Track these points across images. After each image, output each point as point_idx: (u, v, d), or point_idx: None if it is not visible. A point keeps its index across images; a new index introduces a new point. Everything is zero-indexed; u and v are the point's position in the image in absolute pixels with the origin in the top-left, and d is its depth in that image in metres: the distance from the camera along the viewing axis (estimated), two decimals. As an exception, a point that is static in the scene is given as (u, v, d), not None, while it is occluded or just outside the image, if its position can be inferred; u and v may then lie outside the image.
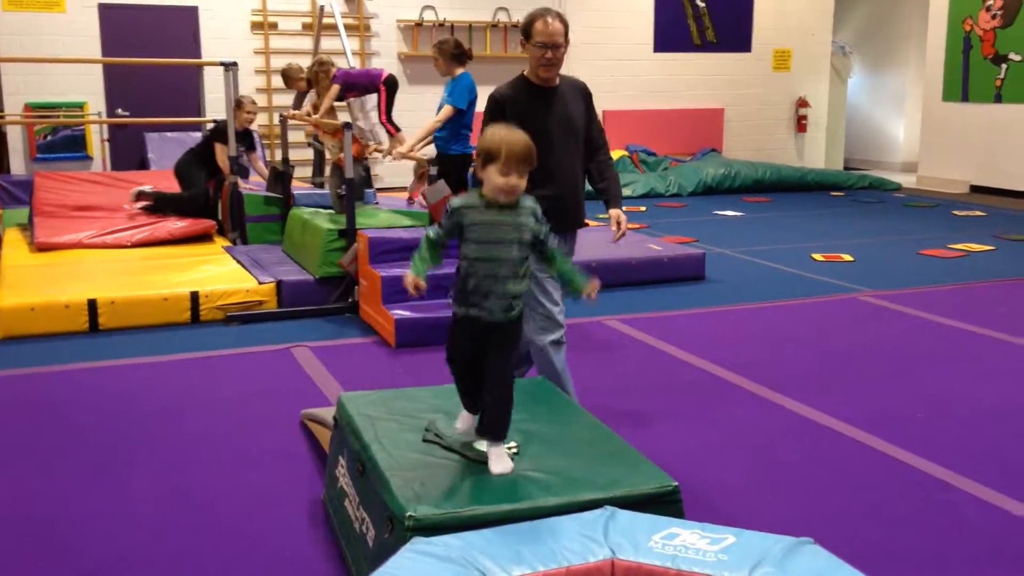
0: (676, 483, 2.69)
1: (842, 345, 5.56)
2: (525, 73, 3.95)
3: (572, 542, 2.36)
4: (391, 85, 7.46)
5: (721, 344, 5.55)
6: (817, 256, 8.26)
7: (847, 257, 8.21)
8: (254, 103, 8.34)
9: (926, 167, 13.44)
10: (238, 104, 8.04)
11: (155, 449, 3.98)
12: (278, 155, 9.61)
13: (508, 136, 2.73)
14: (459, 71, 6.27)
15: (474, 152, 2.86)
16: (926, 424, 4.23)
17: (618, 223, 4.00)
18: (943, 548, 3.14)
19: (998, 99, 12.16)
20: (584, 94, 4.05)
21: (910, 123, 15.37)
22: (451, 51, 6.29)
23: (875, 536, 3.22)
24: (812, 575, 2.17)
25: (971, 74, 12.54)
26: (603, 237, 8.42)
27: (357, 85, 7.58)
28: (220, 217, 8.28)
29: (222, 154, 8.08)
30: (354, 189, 6.33)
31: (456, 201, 2.80)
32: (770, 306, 6.54)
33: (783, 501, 3.51)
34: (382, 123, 7.50)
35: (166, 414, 4.40)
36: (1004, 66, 12.07)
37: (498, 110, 3.82)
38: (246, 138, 8.40)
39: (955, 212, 10.95)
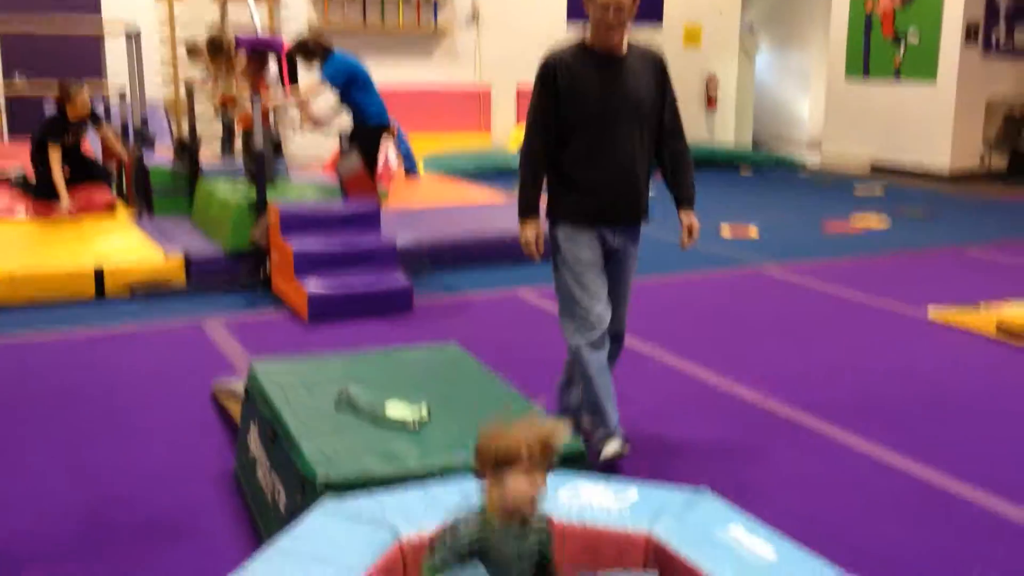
0: (584, 445, 2.77)
1: (744, 315, 5.74)
2: (585, 39, 3.36)
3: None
4: (292, 54, 7.36)
5: (636, 315, 5.65)
6: (725, 231, 8.47)
7: (753, 232, 8.43)
8: (82, 90, 7.45)
9: (830, 144, 13.85)
10: (69, 97, 7.33)
11: (59, 426, 3.90)
12: (185, 127, 9.39)
13: (521, 431, 2.01)
14: (326, 57, 6.30)
15: (478, 460, 2.04)
16: (821, 386, 4.42)
17: (689, 230, 3.54)
18: (839, 503, 3.30)
19: (897, 77, 12.59)
20: (658, 68, 3.42)
21: (815, 101, 15.79)
22: (303, 54, 6.36)
23: (766, 486, 3.37)
24: (709, 522, 2.26)
25: (872, 53, 12.94)
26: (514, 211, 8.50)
27: (263, 49, 7.46)
28: (125, 191, 8.07)
29: (55, 154, 7.26)
30: (264, 161, 6.24)
31: (468, 533, 2.03)
32: (677, 279, 6.69)
33: (683, 459, 3.63)
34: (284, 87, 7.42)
35: (70, 390, 4.30)
36: (902, 45, 12.49)
37: (549, 78, 3.31)
38: (91, 120, 7.74)
39: (856, 188, 11.33)
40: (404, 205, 8.59)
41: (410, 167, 10.63)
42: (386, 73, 10.78)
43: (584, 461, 2.75)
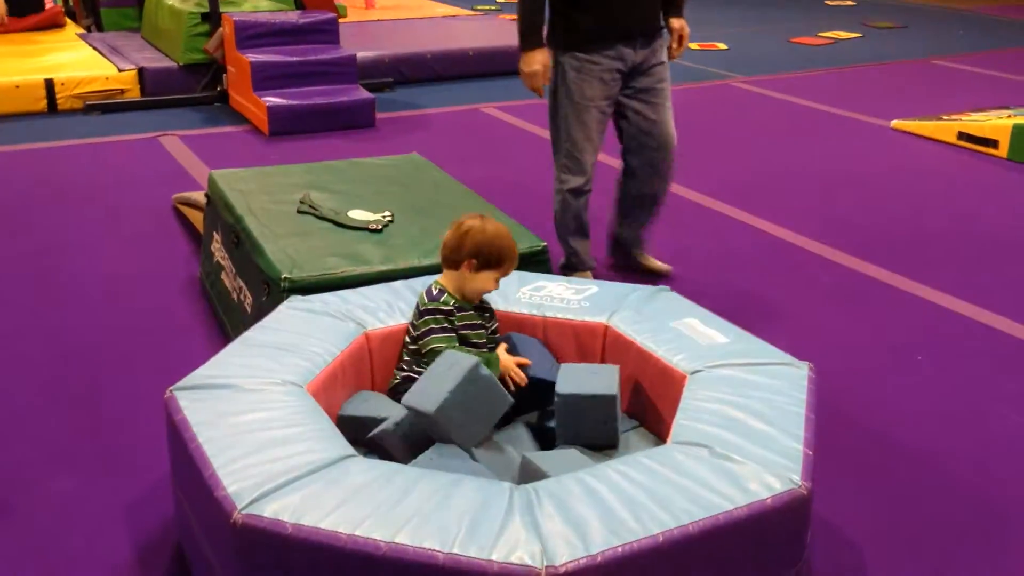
0: (545, 243, 2.81)
1: (706, 126, 5.72)
2: None
3: (444, 297, 2.46)
4: None
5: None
6: (692, 44, 8.30)
7: (721, 45, 8.29)
8: None
9: (803, -43, 13.41)
10: None
11: (16, 238, 3.87)
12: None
13: (511, 241, 2.27)
14: None
15: (466, 248, 2.23)
16: (774, 191, 4.48)
17: (680, 37, 3.34)
18: (786, 290, 3.41)
19: None
20: None
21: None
22: None
23: (729, 280, 3.47)
24: (665, 313, 2.33)
25: None
26: (476, 25, 8.27)
27: None
28: (72, 3, 7.72)
29: None
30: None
31: (446, 302, 2.25)
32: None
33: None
34: None
35: (26, 204, 4.25)
36: None
37: None
38: None
39: (826, 1, 11.08)
40: (364, 19, 8.32)
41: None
42: None
43: (546, 263, 2.80)
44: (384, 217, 2.93)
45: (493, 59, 6.99)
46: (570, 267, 3.49)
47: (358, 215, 2.94)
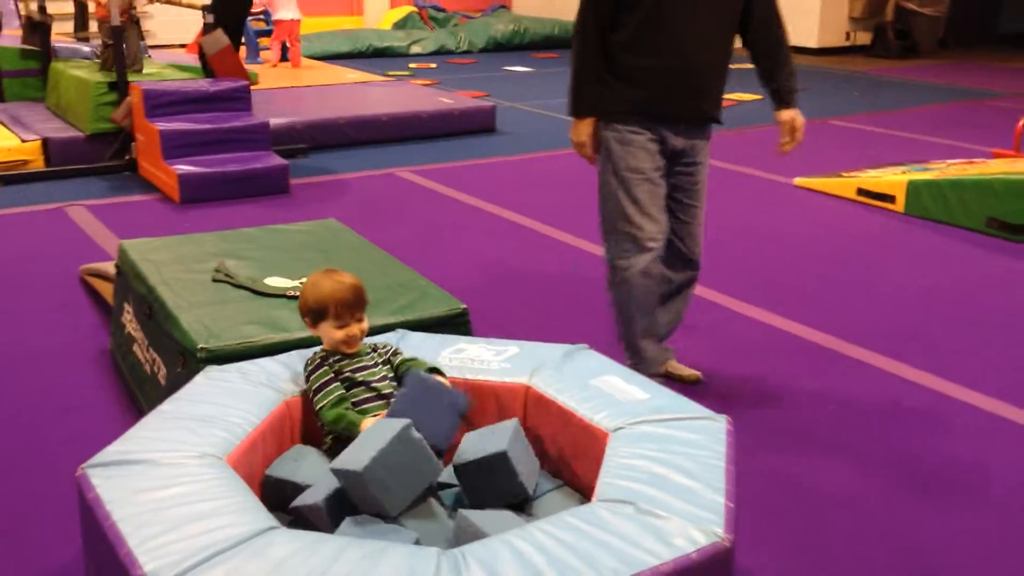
0: (465, 306, 2.82)
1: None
2: None
3: (365, 362, 2.44)
4: None
5: (509, 190, 5.71)
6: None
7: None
8: None
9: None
10: None
11: (-82, 313, 3.73)
12: (33, 6, 8.78)
13: (331, 286, 2.26)
14: None
15: (300, 309, 2.33)
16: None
17: (792, 129, 3.00)
18: (698, 342, 3.48)
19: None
20: None
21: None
22: None
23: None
24: (585, 372, 2.36)
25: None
26: (390, 91, 8.35)
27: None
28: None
29: None
30: (123, 37, 5.91)
31: (316, 373, 2.24)
32: (558, 154, 6.73)
33: (569, 319, 3.74)
34: None
35: (-73, 278, 4.11)
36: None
37: None
38: None
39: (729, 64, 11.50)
40: (276, 86, 8.33)
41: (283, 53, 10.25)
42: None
43: (466, 325, 2.80)
44: (302, 283, 2.90)
45: (406, 124, 7.07)
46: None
47: (275, 282, 2.91)
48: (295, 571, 1.59)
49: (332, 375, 2.23)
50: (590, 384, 2.31)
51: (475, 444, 2.10)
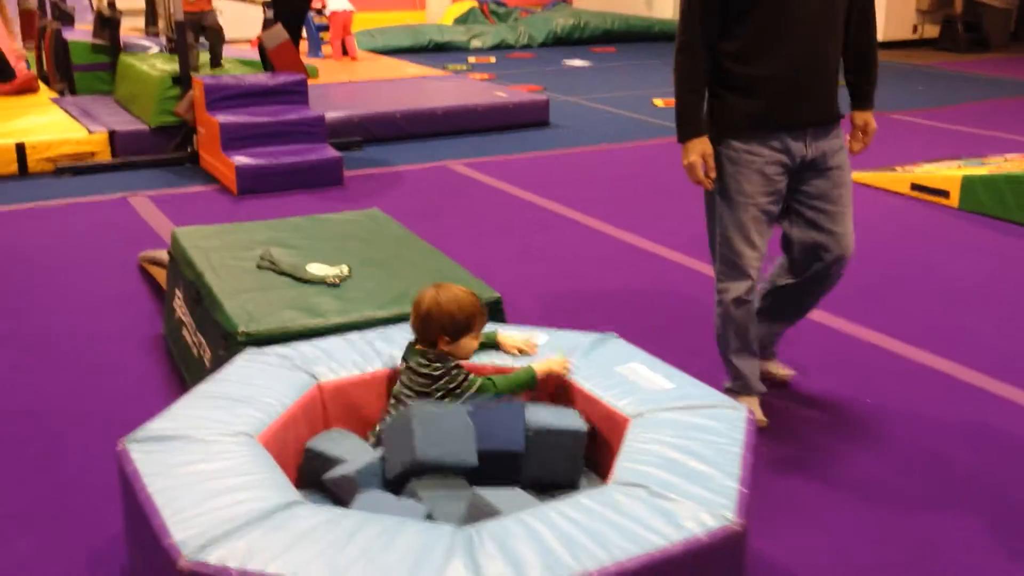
0: (499, 295, 2.87)
1: (669, 180, 5.84)
2: None
3: (399, 347, 2.50)
4: None
5: (559, 183, 5.74)
6: (658, 102, 8.50)
7: (686, 102, 8.46)
8: None
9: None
10: None
11: (-14, 297, 3.91)
12: (104, 1, 9.06)
13: (472, 299, 2.32)
14: None
15: (441, 327, 2.29)
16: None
17: (864, 131, 2.91)
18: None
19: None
20: None
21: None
22: None
23: (671, 327, 3.53)
24: (612, 359, 2.40)
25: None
26: (446, 85, 8.44)
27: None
28: (46, 68, 7.82)
29: None
30: (185, 33, 6.09)
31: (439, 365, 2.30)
32: (608, 148, 6.75)
33: (607, 309, 3.77)
34: None
35: (-4, 264, 4.30)
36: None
37: None
38: None
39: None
40: (335, 80, 8.48)
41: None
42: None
43: (500, 313, 2.86)
44: (342, 271, 2.99)
45: (461, 117, 7.14)
46: (732, 392, 2.91)
47: (316, 269, 3.00)
48: (316, 543, 1.66)
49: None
50: (615, 371, 2.34)
51: (549, 416, 2.18)
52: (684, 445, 1.99)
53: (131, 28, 9.23)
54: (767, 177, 2.71)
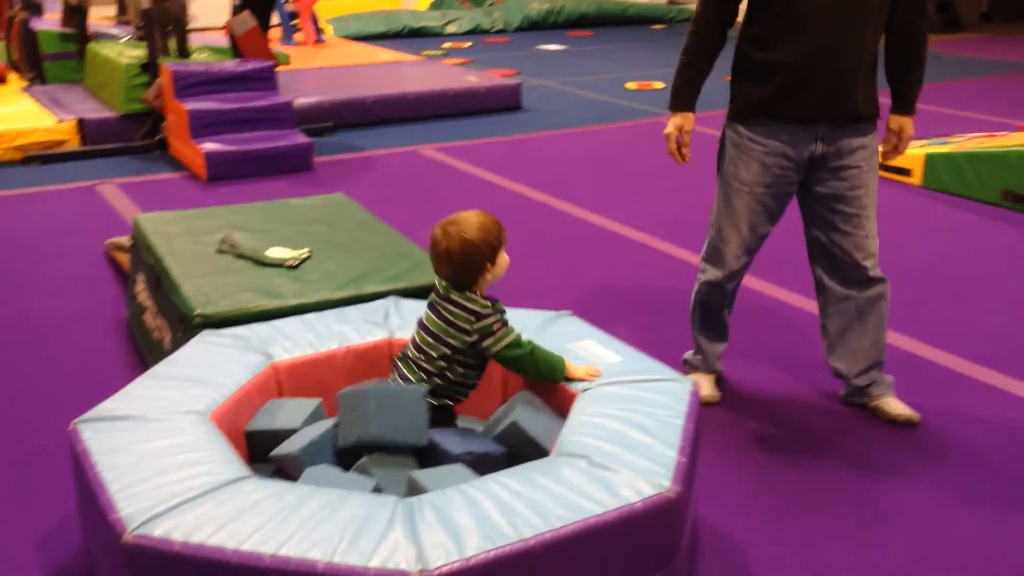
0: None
1: (640, 162, 5.89)
2: None
3: (355, 326, 2.55)
4: None
5: (528, 167, 5.77)
6: (631, 85, 8.53)
7: (658, 84, 8.51)
8: None
9: (742, -1, 13.83)
10: None
11: (-49, 285, 3.91)
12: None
13: (489, 218, 2.28)
14: None
15: (488, 247, 2.22)
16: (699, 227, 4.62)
17: (898, 137, 2.75)
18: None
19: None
20: None
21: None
22: None
23: (631, 306, 3.58)
24: (565, 336, 2.43)
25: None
26: (419, 70, 8.44)
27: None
28: (15, 57, 7.78)
29: None
30: (153, 21, 6.07)
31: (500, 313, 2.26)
32: (580, 131, 6.78)
33: (568, 289, 3.81)
34: None
35: (-38, 252, 4.30)
36: None
37: None
38: None
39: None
40: (307, 66, 8.47)
41: (316, 33, 10.41)
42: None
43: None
44: (302, 254, 3.02)
45: (433, 102, 7.15)
46: (689, 365, 2.99)
47: (276, 253, 3.02)
48: (259, 515, 1.69)
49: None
50: (567, 348, 2.38)
51: (537, 419, 2.17)
52: (628, 417, 2.03)
53: (102, 17, 9.19)
54: (767, 168, 2.65)
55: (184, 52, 6.38)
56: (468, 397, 2.33)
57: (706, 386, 2.93)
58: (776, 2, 2.55)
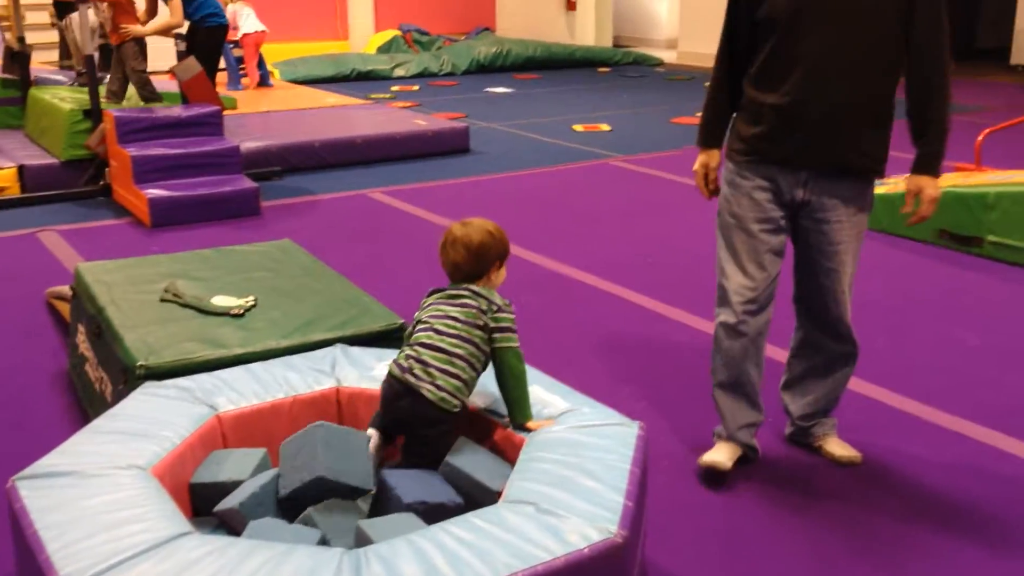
0: (402, 321, 2.90)
1: (587, 205, 5.95)
2: None
3: (302, 375, 2.53)
4: None
5: (476, 209, 5.79)
6: (578, 127, 8.65)
7: (605, 127, 8.64)
8: None
9: (685, 43, 14.13)
10: None
11: None
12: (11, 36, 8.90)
13: (495, 227, 2.42)
14: None
15: (495, 255, 2.39)
16: (646, 268, 4.68)
17: (916, 196, 2.57)
18: (656, 363, 3.56)
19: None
20: None
21: (672, 1, 16.01)
22: None
23: (579, 349, 3.60)
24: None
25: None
26: (367, 113, 8.47)
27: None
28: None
29: None
30: (95, 66, 6.03)
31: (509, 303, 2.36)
32: (528, 173, 6.84)
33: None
34: None
35: None
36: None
37: None
38: None
39: (705, 83, 11.64)
40: (255, 110, 8.45)
41: (263, 76, 10.41)
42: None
43: (401, 336, 2.88)
44: (247, 302, 2.99)
45: (381, 146, 7.18)
46: (718, 436, 2.83)
47: (222, 301, 3.00)
48: (202, 572, 1.67)
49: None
50: (514, 393, 2.38)
51: (478, 462, 2.19)
52: (575, 462, 2.04)
53: (44, 62, 9.10)
54: (757, 203, 2.62)
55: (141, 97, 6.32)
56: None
57: (714, 451, 2.76)
58: (770, 41, 2.54)
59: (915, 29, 2.46)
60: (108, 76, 6.53)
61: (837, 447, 2.84)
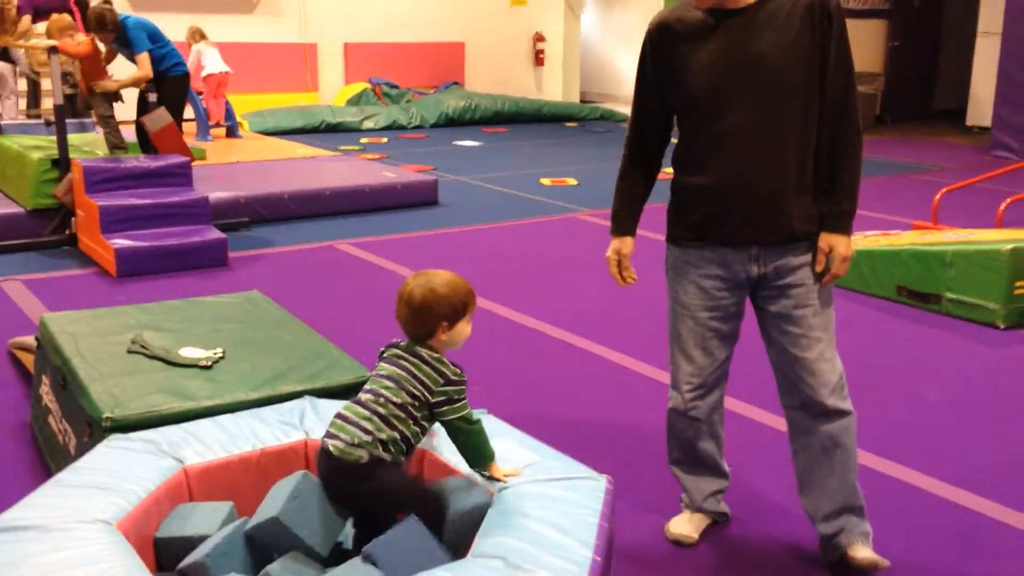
0: (371, 373, 2.90)
1: (554, 258, 6.01)
2: None
3: (270, 428, 2.52)
4: (83, 5, 7.13)
5: (444, 261, 5.82)
6: (545, 181, 8.75)
7: (572, 181, 8.75)
8: None
9: (650, 99, 14.38)
10: None
11: None
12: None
13: (463, 281, 2.29)
14: (122, 26, 6.08)
15: (442, 312, 2.24)
16: (612, 321, 4.73)
17: (826, 256, 2.47)
18: (622, 417, 3.58)
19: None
20: (815, 14, 2.39)
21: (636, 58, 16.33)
22: (100, 26, 6.00)
23: (547, 403, 3.62)
24: (479, 435, 2.45)
25: (687, 12, 13.47)
26: (335, 165, 8.52)
27: (50, 7, 7.19)
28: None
29: None
30: (64, 115, 6.03)
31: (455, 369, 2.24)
32: (496, 227, 6.90)
33: (487, 386, 3.83)
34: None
35: None
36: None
37: (645, 49, 2.56)
38: None
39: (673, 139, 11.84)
40: (224, 161, 8.47)
41: (232, 127, 10.45)
42: (208, 31, 10.49)
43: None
44: (215, 354, 2.99)
45: (350, 197, 7.22)
46: (683, 504, 2.84)
47: (189, 353, 2.99)
48: (168, 629, 1.65)
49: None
50: (483, 447, 2.39)
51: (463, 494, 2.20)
52: (544, 516, 2.05)
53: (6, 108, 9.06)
54: (704, 291, 2.56)
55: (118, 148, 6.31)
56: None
57: (681, 522, 2.78)
58: (694, 122, 2.50)
59: (826, 91, 2.43)
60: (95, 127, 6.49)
61: (860, 550, 2.56)
